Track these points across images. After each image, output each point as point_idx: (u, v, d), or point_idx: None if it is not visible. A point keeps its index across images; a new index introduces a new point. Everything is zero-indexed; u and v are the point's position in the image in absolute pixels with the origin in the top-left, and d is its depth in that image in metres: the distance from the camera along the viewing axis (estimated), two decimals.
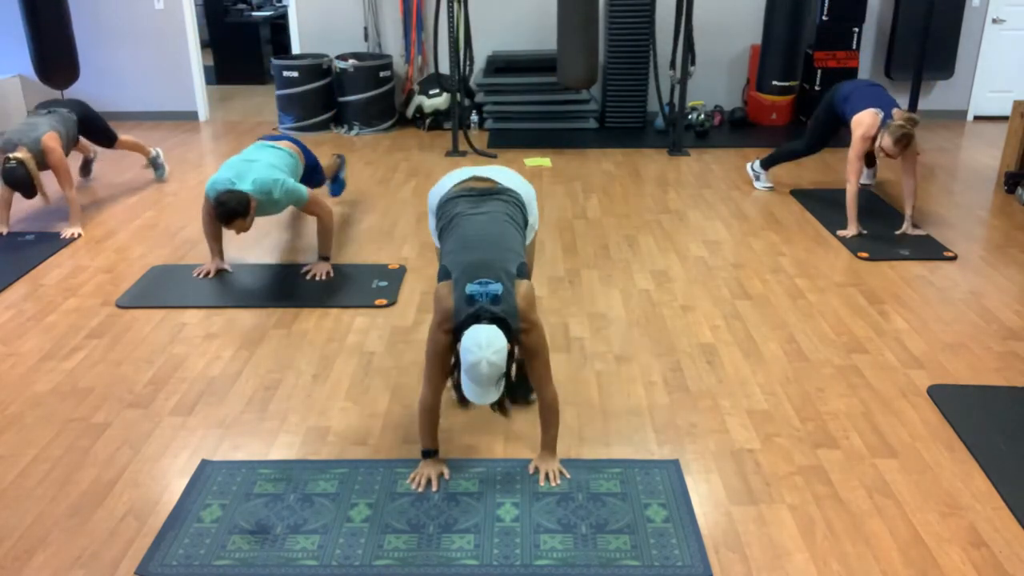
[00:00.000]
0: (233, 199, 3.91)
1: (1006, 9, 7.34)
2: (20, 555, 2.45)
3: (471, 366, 2.43)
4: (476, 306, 2.49)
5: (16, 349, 3.63)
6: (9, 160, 4.58)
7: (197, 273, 4.32)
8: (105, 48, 7.47)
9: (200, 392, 3.29)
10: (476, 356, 2.41)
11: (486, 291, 2.51)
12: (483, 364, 2.40)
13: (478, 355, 2.40)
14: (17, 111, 7.54)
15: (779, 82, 6.12)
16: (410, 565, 2.39)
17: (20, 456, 2.90)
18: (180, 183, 5.89)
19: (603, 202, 5.46)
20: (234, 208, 3.91)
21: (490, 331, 2.44)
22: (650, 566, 2.38)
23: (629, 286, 4.21)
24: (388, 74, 7.24)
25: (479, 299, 2.50)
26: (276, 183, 4.06)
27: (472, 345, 2.42)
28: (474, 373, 2.43)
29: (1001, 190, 5.65)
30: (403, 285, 4.23)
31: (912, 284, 4.22)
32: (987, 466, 2.81)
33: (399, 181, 5.92)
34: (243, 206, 3.93)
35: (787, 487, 2.73)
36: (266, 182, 4.03)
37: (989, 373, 3.40)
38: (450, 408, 3.15)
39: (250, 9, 9.92)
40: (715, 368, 3.45)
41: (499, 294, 2.51)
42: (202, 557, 2.42)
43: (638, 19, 6.98)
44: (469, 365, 2.43)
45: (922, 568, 2.39)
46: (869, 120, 4.71)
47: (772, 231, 4.94)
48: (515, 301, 2.56)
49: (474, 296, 2.51)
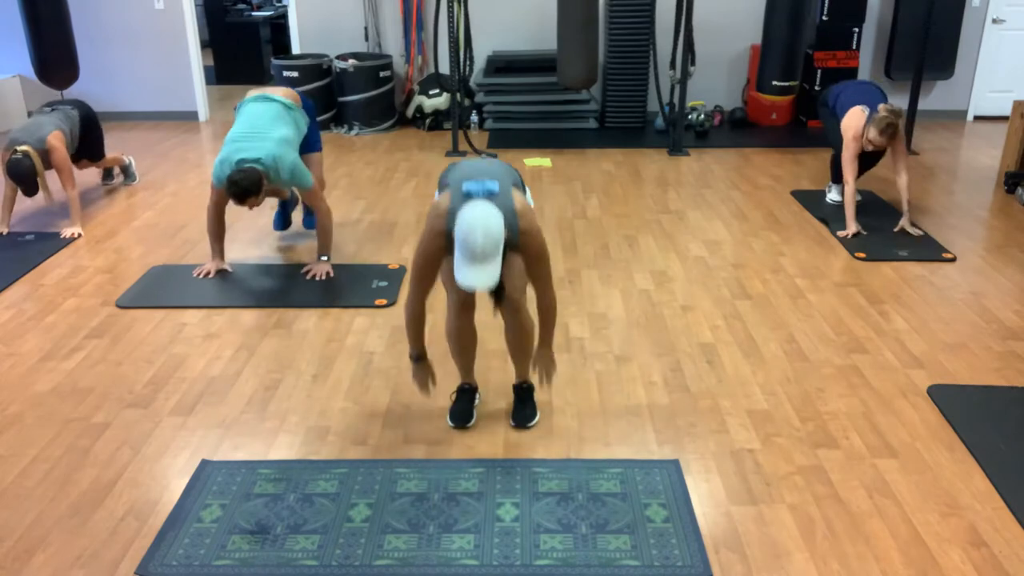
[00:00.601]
0: (246, 179, 3.88)
1: (1006, 9, 7.35)
2: (20, 555, 2.45)
3: (465, 236, 2.36)
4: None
5: (16, 349, 3.63)
6: (16, 152, 4.61)
7: (197, 273, 4.32)
8: (105, 48, 7.47)
9: (200, 392, 3.29)
10: (470, 224, 2.35)
11: (483, 186, 2.48)
12: (478, 233, 2.34)
13: (472, 223, 2.34)
14: (17, 111, 7.54)
15: (779, 82, 6.12)
16: (410, 565, 2.39)
17: (20, 456, 2.90)
18: (180, 183, 5.89)
19: (603, 202, 5.47)
20: (247, 188, 3.89)
21: (486, 206, 2.42)
22: (650, 566, 2.38)
23: (629, 286, 4.21)
24: (388, 74, 7.24)
25: (476, 194, 2.48)
26: (286, 162, 4.05)
27: (467, 216, 2.38)
28: (469, 244, 2.36)
29: (1001, 190, 5.65)
30: (403, 285, 4.23)
31: (912, 284, 4.22)
32: (987, 466, 2.81)
33: (399, 181, 5.92)
34: (256, 185, 3.90)
35: (787, 487, 2.73)
36: (277, 158, 4.00)
37: (989, 373, 3.40)
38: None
39: (250, 9, 9.93)
40: (715, 368, 3.45)
41: (495, 191, 2.50)
42: (202, 557, 2.42)
43: (638, 19, 6.98)
44: (463, 236, 2.36)
45: (922, 568, 2.39)
46: (856, 119, 4.75)
47: (772, 231, 4.94)
48: (511, 202, 2.56)
49: (471, 192, 2.49)
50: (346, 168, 6.22)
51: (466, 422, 3.04)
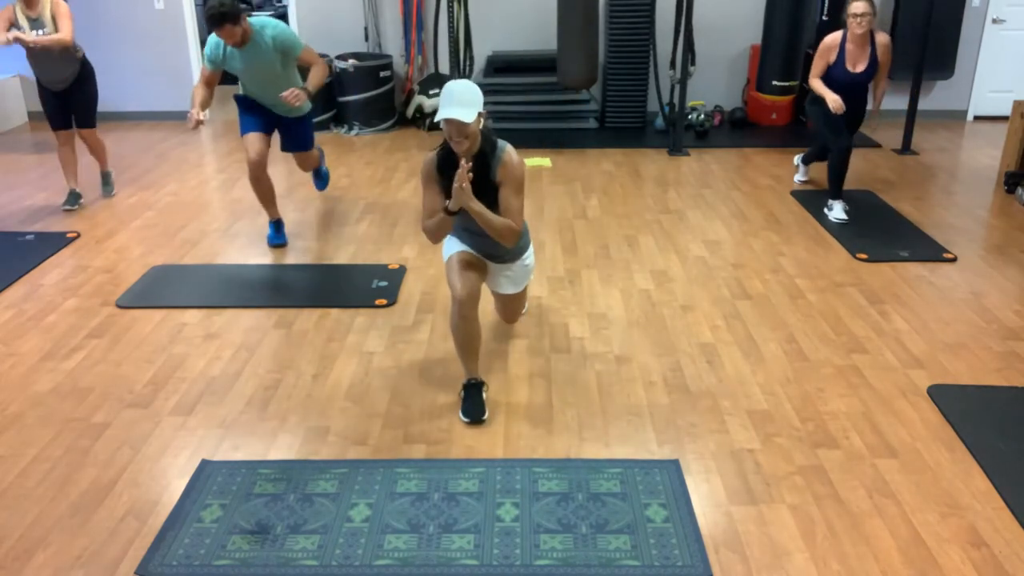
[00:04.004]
0: (225, 3, 4.02)
1: (1006, 9, 7.34)
2: (20, 555, 2.45)
3: (447, 87, 2.82)
4: None
5: (16, 349, 3.63)
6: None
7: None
8: (105, 48, 7.46)
9: (200, 392, 3.29)
10: (452, 81, 2.85)
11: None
12: (455, 83, 2.83)
13: (454, 81, 2.85)
14: (17, 111, 7.54)
15: (779, 82, 6.13)
16: (410, 565, 2.39)
17: (20, 456, 2.90)
18: (180, 183, 5.89)
19: (603, 202, 5.47)
20: (222, 12, 4.01)
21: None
22: (650, 566, 2.38)
23: (629, 286, 4.21)
24: (388, 74, 7.24)
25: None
26: (270, 22, 4.27)
27: (450, 81, 2.87)
28: (446, 92, 2.81)
29: (1001, 190, 5.65)
30: (403, 285, 4.23)
31: (912, 284, 4.22)
32: (987, 466, 2.81)
33: (399, 181, 5.92)
34: (235, 11, 4.06)
35: (787, 487, 2.73)
36: (262, 20, 4.26)
37: (989, 373, 3.40)
38: (451, 409, 3.15)
39: (250, 9, 9.92)
40: (715, 368, 3.45)
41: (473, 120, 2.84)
42: (202, 557, 2.42)
43: (638, 19, 6.97)
44: (446, 88, 2.82)
45: (922, 568, 2.39)
46: (829, 38, 4.88)
47: (772, 231, 4.94)
48: (494, 136, 3.00)
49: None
50: (346, 168, 6.22)
51: (480, 416, 3.05)
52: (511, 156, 3.01)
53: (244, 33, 4.21)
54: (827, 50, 4.90)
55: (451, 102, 2.80)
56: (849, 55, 4.86)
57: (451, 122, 2.82)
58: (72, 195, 5.33)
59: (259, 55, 4.27)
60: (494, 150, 2.99)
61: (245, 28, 4.21)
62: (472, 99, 2.83)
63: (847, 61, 4.86)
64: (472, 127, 2.84)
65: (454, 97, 2.81)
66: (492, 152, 2.98)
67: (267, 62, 4.31)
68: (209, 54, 4.32)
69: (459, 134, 2.84)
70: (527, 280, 3.40)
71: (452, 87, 2.84)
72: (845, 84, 4.91)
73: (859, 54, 4.85)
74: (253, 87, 4.46)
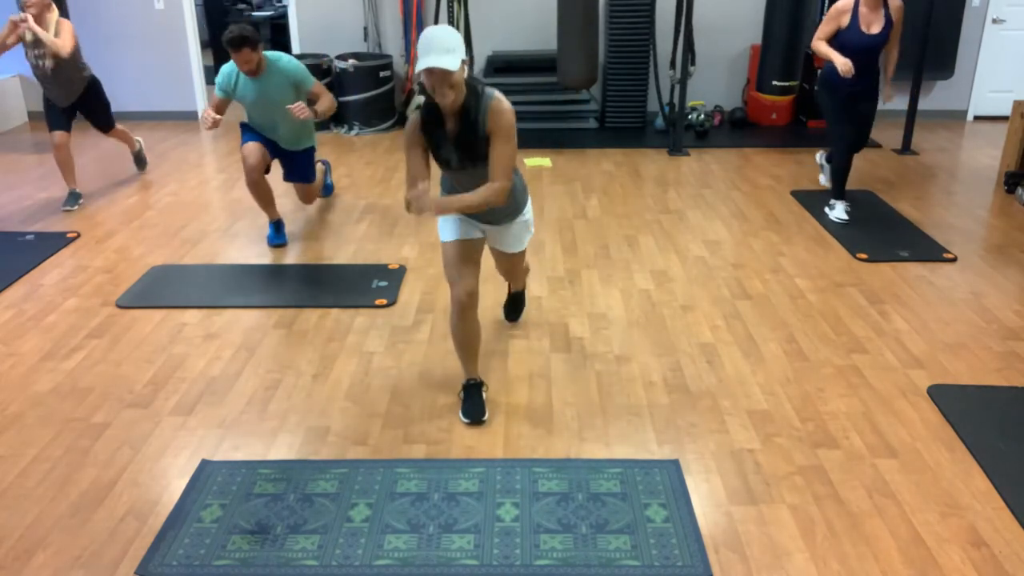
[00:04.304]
0: (246, 28, 4.09)
1: (1006, 9, 7.34)
2: (20, 555, 2.45)
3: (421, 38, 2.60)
4: None
5: (16, 349, 3.63)
6: None
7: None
8: (105, 48, 7.46)
9: (200, 392, 3.29)
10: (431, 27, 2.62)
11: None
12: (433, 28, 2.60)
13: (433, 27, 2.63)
14: (17, 111, 7.54)
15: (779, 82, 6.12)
16: (410, 565, 2.39)
17: (20, 456, 2.90)
18: (180, 183, 5.89)
19: (603, 202, 5.47)
20: (243, 35, 4.07)
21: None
22: (650, 566, 2.38)
23: (629, 286, 4.21)
24: (388, 74, 7.24)
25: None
26: (284, 56, 4.34)
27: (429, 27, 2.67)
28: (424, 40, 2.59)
29: (1001, 190, 5.65)
30: (403, 285, 4.23)
31: (912, 284, 4.22)
32: (987, 466, 2.81)
33: (399, 181, 5.92)
34: (254, 36, 4.11)
35: (787, 487, 2.73)
36: (276, 53, 4.34)
37: (989, 373, 3.40)
38: (451, 409, 3.15)
39: (250, 9, 9.92)
40: (715, 368, 3.45)
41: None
42: (202, 557, 2.42)
43: (638, 19, 6.97)
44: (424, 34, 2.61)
45: (922, 568, 2.39)
46: (841, 2, 4.71)
47: (772, 231, 4.94)
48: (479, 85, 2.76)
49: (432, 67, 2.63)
50: (346, 168, 6.22)
51: (481, 417, 3.05)
52: (500, 103, 2.76)
53: (260, 62, 4.28)
54: (839, 13, 4.71)
55: (430, 49, 2.57)
56: (863, 18, 4.68)
57: (433, 72, 2.60)
58: (72, 195, 5.34)
59: (272, 85, 4.34)
60: (479, 99, 2.74)
61: (260, 58, 4.28)
62: (454, 44, 2.60)
63: (861, 23, 4.68)
64: (456, 76, 2.62)
65: (433, 44, 2.58)
66: (478, 102, 2.74)
67: (279, 92, 4.37)
68: (221, 82, 4.36)
69: (443, 84, 2.62)
70: (528, 235, 3.26)
71: (431, 33, 2.60)
72: (859, 49, 4.70)
73: (873, 17, 4.68)
74: (260, 119, 4.51)
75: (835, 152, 5.03)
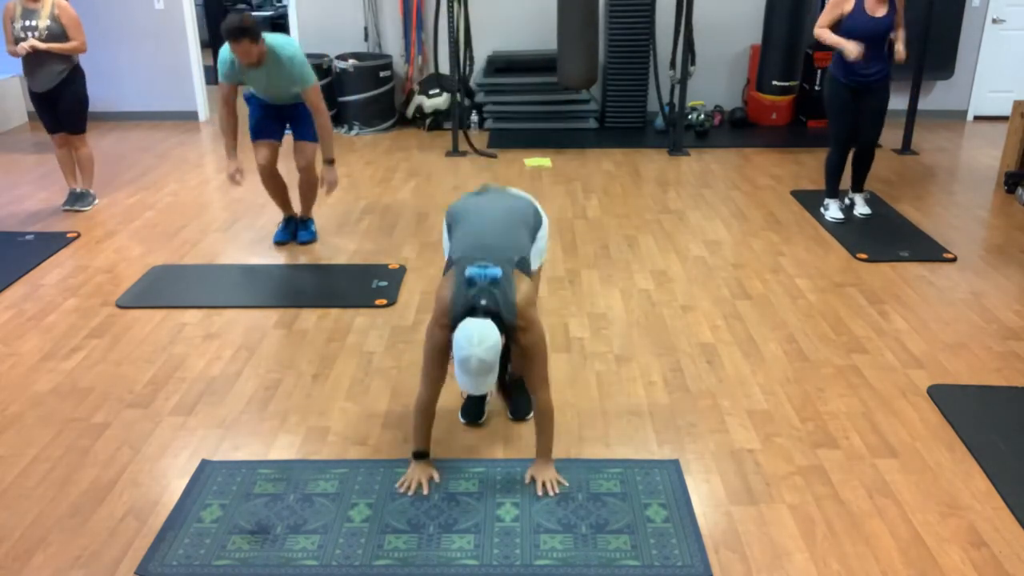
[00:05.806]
0: (247, 17, 3.98)
1: (1006, 9, 7.34)
2: (20, 555, 2.45)
3: (462, 360, 2.42)
4: (474, 289, 2.47)
5: (16, 349, 3.63)
6: None
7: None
8: (105, 48, 7.46)
9: (200, 392, 3.29)
10: (467, 352, 2.40)
11: (485, 273, 2.49)
12: (473, 360, 2.39)
13: (468, 351, 2.40)
14: (17, 111, 7.54)
15: (779, 82, 6.12)
16: (410, 565, 2.39)
17: (20, 456, 2.90)
18: (180, 183, 5.89)
19: (603, 202, 5.46)
20: (243, 26, 3.93)
21: (483, 325, 2.43)
22: (650, 566, 2.38)
23: (629, 286, 4.21)
24: (388, 74, 7.24)
25: (478, 280, 2.48)
26: (293, 48, 4.23)
27: (464, 340, 2.41)
28: (465, 367, 2.43)
29: (1001, 190, 5.65)
30: (403, 285, 4.23)
31: (912, 284, 4.22)
32: (987, 466, 2.81)
33: (399, 181, 5.92)
34: (254, 27, 3.98)
35: (787, 487, 2.73)
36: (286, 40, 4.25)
37: (989, 373, 3.40)
38: (451, 409, 3.15)
39: (250, 9, 9.92)
40: (715, 368, 3.45)
41: (498, 277, 2.49)
42: (202, 557, 2.42)
43: (638, 19, 6.97)
44: (461, 359, 2.43)
45: (922, 568, 2.39)
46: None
47: (772, 231, 4.94)
48: (513, 295, 2.53)
49: (474, 279, 2.48)
50: (346, 168, 6.22)
51: (478, 418, 3.05)
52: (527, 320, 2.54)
53: (260, 55, 4.11)
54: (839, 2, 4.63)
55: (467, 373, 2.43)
56: (867, 1, 4.60)
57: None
58: (72, 195, 5.33)
59: (277, 73, 4.23)
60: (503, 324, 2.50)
61: (261, 50, 4.10)
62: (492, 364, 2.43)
63: (866, 6, 4.60)
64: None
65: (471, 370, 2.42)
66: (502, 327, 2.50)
67: (285, 79, 4.26)
68: (223, 70, 4.27)
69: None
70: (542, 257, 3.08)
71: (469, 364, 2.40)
72: (866, 33, 4.61)
73: (877, 1, 4.59)
74: (264, 95, 4.47)
75: (831, 149, 5.00)
